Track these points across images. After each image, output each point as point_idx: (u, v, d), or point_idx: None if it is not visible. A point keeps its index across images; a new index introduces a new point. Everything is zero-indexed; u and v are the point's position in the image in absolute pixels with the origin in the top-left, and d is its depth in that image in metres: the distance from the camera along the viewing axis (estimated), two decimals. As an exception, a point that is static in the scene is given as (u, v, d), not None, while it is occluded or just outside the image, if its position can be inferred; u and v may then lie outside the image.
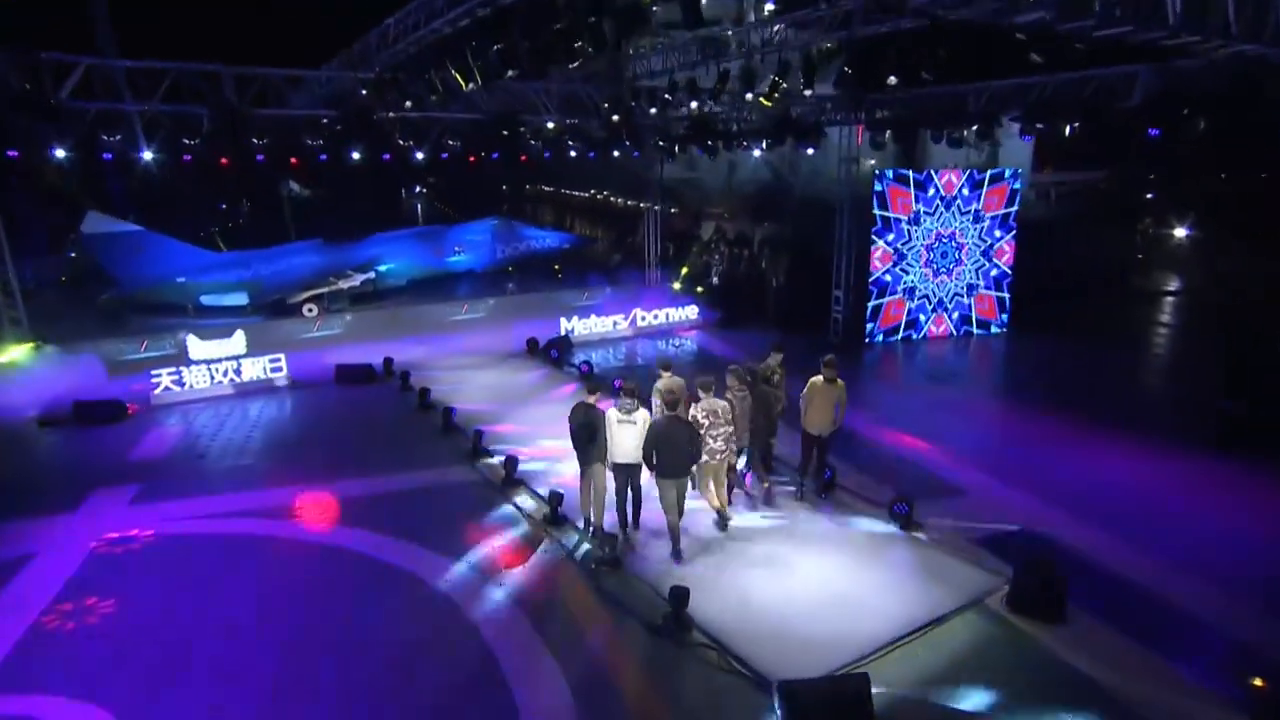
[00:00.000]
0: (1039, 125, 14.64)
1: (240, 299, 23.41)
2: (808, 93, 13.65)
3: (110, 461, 12.12)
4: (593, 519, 9.22)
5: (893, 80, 10.64)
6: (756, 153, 22.39)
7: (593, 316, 19.87)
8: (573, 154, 25.81)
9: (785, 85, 13.92)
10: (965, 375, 16.98)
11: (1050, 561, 8.32)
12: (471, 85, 10.65)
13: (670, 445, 8.53)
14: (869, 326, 19.24)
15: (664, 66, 17.23)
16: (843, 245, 19.45)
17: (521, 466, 10.86)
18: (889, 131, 17.21)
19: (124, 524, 9.86)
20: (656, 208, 25.42)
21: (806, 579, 8.48)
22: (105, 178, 21.74)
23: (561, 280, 24.98)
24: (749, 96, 14.28)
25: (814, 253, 20.29)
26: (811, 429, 9.89)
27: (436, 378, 16.23)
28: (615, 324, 20.13)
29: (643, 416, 8.76)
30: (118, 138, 12.72)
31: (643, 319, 20.60)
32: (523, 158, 24.67)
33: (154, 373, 15.53)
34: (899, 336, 19.52)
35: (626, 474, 8.91)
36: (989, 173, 19.40)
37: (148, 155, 18.06)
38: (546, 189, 40.68)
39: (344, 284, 24.07)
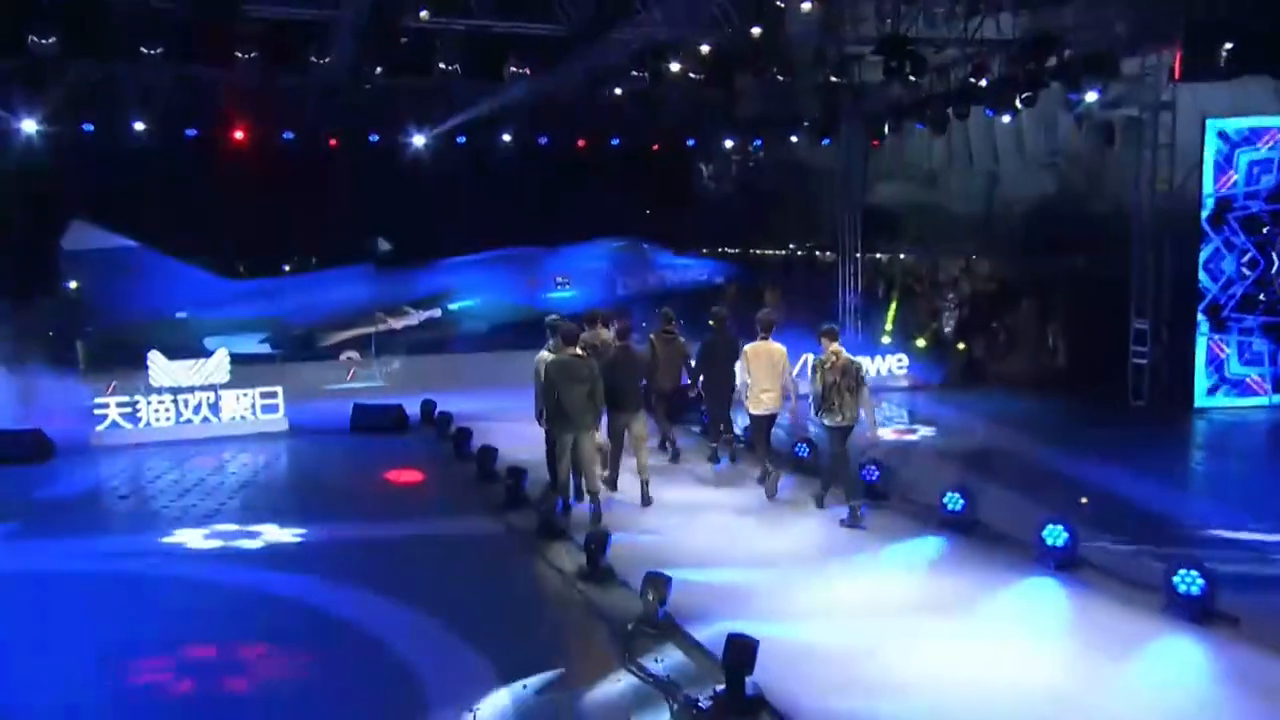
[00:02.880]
0: None
1: (257, 342, 24.68)
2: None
3: (2, 499, 12.97)
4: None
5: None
6: (1006, 119, 21.46)
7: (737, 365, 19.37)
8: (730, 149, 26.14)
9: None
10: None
11: None
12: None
13: (625, 374, 11.59)
14: (1203, 379, 17.27)
15: None
16: (1148, 248, 17.76)
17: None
18: (1227, 46, 15.25)
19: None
20: (856, 257, 24.86)
21: (988, 661, 7.49)
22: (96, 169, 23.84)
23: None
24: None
25: (1114, 290, 18.88)
26: (757, 408, 12.00)
27: (494, 429, 16.25)
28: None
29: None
30: (52, 40, 13.76)
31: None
32: (654, 147, 25.24)
33: (99, 401, 16.42)
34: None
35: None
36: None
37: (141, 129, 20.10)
38: (729, 250, 41.37)
39: (398, 323, 25.04)
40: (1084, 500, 11.65)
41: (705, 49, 17.09)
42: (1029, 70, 16.25)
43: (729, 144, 25.39)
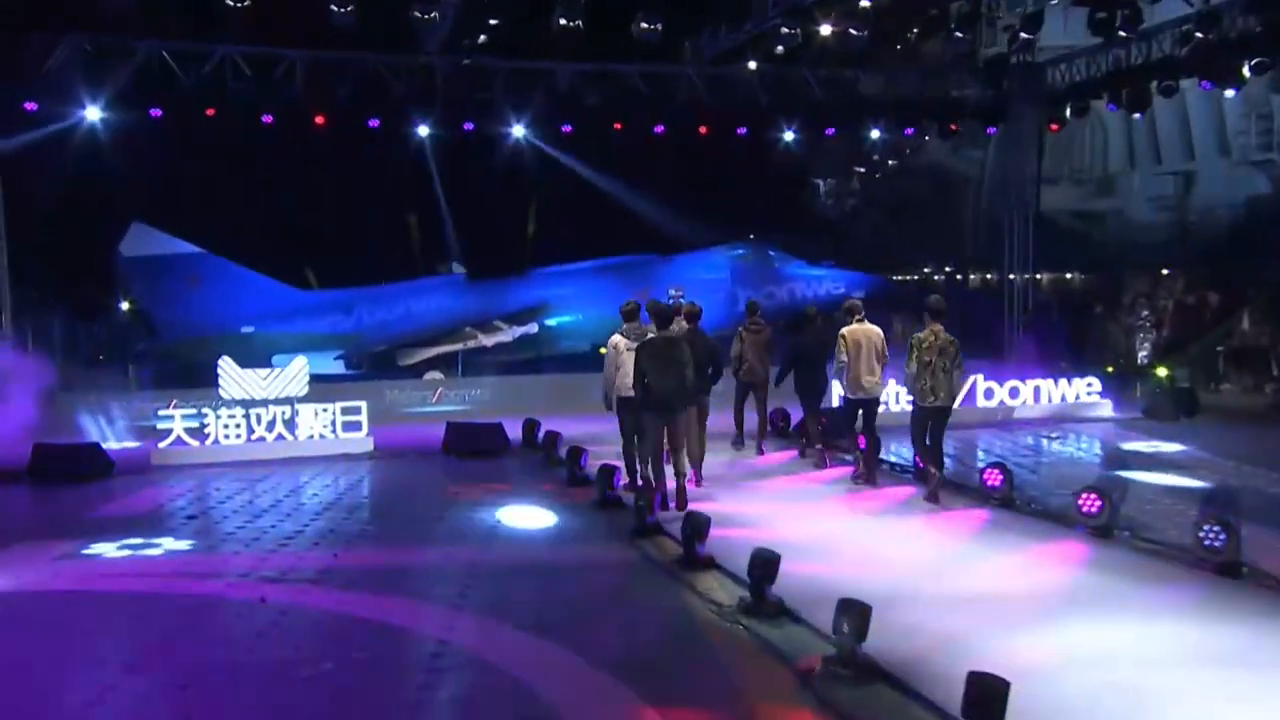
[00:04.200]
0: None
1: (331, 359, 24.70)
2: None
3: (59, 516, 13.09)
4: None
5: None
6: (1229, 94, 20.54)
7: (891, 384, 18.81)
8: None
9: None
10: None
11: None
12: None
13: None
14: None
15: None
16: None
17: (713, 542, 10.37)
18: None
19: (30, 578, 10.31)
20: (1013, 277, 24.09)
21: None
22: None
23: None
24: None
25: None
26: (857, 393, 13.38)
27: (605, 455, 15.88)
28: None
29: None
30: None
31: (990, 397, 19.30)
32: (787, 136, 24.61)
33: (161, 414, 16.47)
34: None
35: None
36: None
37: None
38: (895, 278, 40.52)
39: (489, 340, 25.14)
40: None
41: (865, 2, 16.55)
42: (1271, 25, 15.20)
43: (875, 134, 24.56)
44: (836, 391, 14.74)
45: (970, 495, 13.09)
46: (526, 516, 12.68)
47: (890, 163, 39.93)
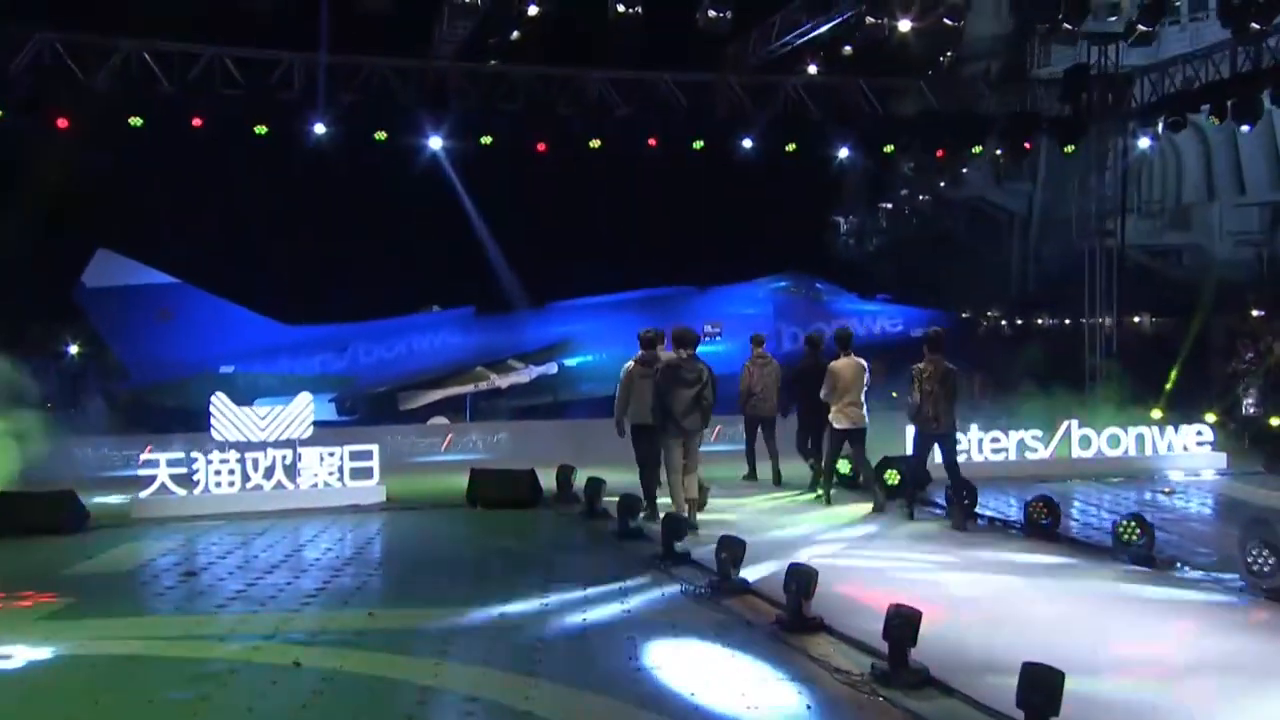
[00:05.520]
0: None
1: (324, 402, 24.10)
2: None
3: (33, 572, 12.49)
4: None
5: None
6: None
7: (973, 430, 18.37)
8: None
9: None
10: None
11: None
12: None
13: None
14: None
15: None
16: None
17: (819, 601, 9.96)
18: None
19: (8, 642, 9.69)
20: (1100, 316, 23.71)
21: None
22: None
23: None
24: None
25: None
26: (841, 423, 15.31)
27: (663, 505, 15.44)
28: (1023, 448, 18.79)
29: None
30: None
31: (1086, 446, 18.88)
32: (841, 152, 24.20)
33: (144, 459, 16.02)
34: None
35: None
36: None
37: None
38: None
39: (503, 381, 24.66)
40: None
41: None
42: None
43: (938, 154, 24.20)
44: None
45: (1090, 550, 12.80)
46: (582, 573, 12.16)
47: (921, 197, 39.51)
